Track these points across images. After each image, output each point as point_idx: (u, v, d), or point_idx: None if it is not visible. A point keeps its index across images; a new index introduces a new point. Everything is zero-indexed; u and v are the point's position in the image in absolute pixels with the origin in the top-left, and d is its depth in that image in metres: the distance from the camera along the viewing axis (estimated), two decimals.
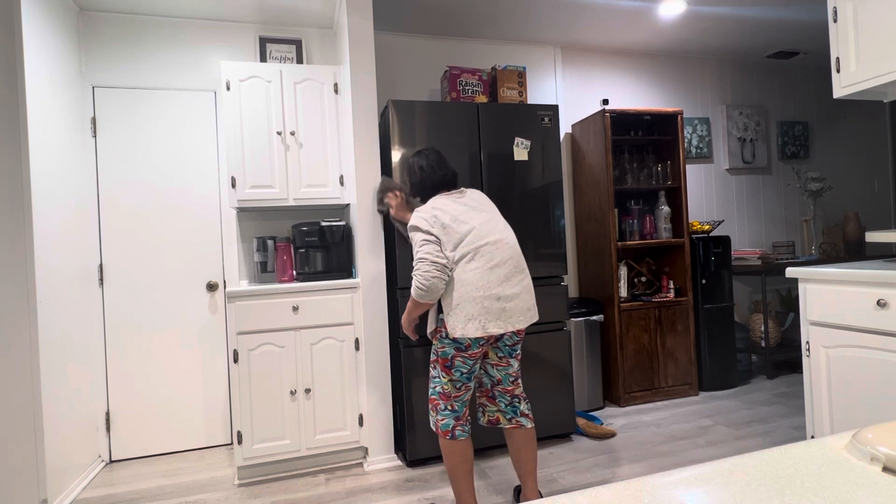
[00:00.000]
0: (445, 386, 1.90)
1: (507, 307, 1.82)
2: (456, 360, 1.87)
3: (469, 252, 1.83)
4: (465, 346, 1.85)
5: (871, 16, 1.87)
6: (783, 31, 3.71)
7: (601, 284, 3.39)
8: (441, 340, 1.90)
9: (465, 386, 1.90)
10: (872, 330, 1.75)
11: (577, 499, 0.46)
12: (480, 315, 1.78)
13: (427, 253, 1.81)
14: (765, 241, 4.29)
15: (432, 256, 1.80)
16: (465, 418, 1.92)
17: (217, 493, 2.35)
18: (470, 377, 1.91)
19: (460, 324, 1.79)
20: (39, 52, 2.29)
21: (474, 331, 1.78)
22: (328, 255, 2.73)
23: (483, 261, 1.82)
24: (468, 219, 1.88)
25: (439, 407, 1.92)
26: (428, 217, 1.88)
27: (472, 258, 1.82)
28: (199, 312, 2.92)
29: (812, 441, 0.56)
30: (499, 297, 1.81)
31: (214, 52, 2.96)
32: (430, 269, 1.78)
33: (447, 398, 1.90)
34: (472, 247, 1.83)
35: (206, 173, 2.95)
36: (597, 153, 3.37)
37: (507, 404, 2.00)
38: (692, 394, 3.40)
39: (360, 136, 2.56)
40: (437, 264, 1.79)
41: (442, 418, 1.91)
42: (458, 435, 1.88)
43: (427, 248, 1.82)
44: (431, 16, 3.16)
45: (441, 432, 1.90)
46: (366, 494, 2.25)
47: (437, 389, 1.93)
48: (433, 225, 1.86)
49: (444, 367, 1.90)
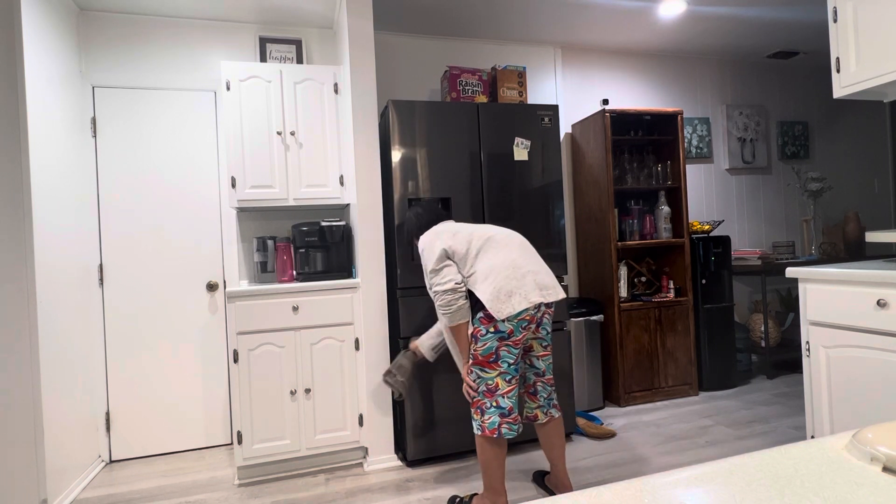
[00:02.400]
0: (490, 382, 1.90)
1: (537, 279, 1.92)
2: (501, 350, 1.89)
3: (481, 245, 1.95)
4: (508, 333, 1.88)
5: (871, 16, 1.87)
6: (783, 31, 3.71)
7: (601, 284, 3.39)
8: (481, 339, 1.91)
9: (514, 379, 1.92)
10: (872, 330, 1.75)
11: (577, 499, 0.46)
12: (518, 289, 1.87)
13: (438, 284, 1.93)
14: (765, 241, 4.29)
15: (444, 286, 1.91)
16: (514, 417, 1.91)
17: (217, 493, 2.35)
18: (517, 368, 1.93)
19: (504, 304, 1.85)
20: (39, 51, 2.29)
21: (519, 304, 1.85)
22: (328, 255, 2.73)
23: (497, 247, 1.95)
24: (467, 226, 2.05)
25: (485, 406, 1.90)
26: (432, 238, 2.01)
27: (487, 248, 1.94)
28: (199, 312, 2.92)
29: (812, 441, 0.56)
30: (526, 270, 1.91)
31: (214, 52, 2.96)
32: (444, 297, 1.92)
33: (492, 394, 1.90)
34: (482, 241, 1.96)
35: (206, 173, 2.95)
36: (597, 153, 3.37)
37: (546, 397, 2.07)
38: (692, 394, 3.40)
39: (360, 136, 2.56)
40: (448, 292, 1.90)
41: (488, 417, 1.89)
42: (505, 433, 1.88)
43: (436, 279, 1.94)
44: (431, 16, 3.16)
45: (488, 432, 1.88)
46: (366, 494, 2.25)
47: (481, 389, 1.92)
48: (439, 235, 2.00)
49: (489, 363, 1.90)
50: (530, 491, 2.22)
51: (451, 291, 1.90)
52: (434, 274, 1.94)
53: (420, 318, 2.53)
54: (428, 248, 1.99)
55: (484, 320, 1.90)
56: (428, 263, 1.96)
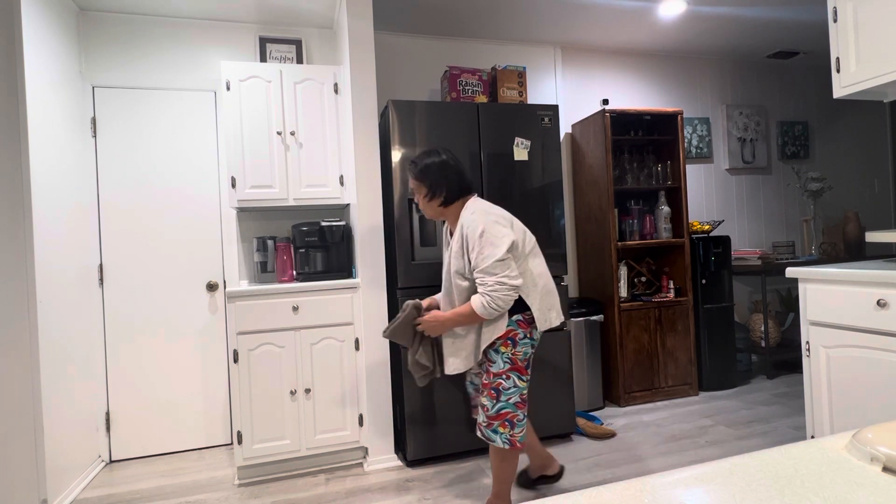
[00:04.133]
0: (524, 392, 1.85)
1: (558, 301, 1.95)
2: (531, 357, 1.89)
3: (531, 247, 1.90)
4: (537, 341, 1.90)
5: (871, 16, 1.87)
6: (783, 31, 3.71)
7: (601, 284, 3.39)
8: (520, 343, 1.84)
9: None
10: (872, 330, 1.75)
11: (577, 499, 0.46)
12: (554, 306, 1.91)
13: (508, 277, 1.74)
14: (765, 241, 4.29)
15: (510, 280, 1.74)
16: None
17: (217, 493, 2.35)
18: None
19: (545, 315, 1.86)
20: (39, 52, 2.29)
21: (556, 320, 1.89)
22: (328, 255, 2.73)
23: (537, 252, 1.93)
24: (509, 216, 1.89)
25: (517, 419, 1.82)
26: (491, 221, 1.79)
27: (534, 252, 1.91)
28: (199, 312, 2.92)
29: (812, 441, 0.56)
30: (553, 287, 1.93)
31: (214, 52, 2.96)
32: (509, 293, 1.74)
33: (524, 404, 1.85)
34: (531, 242, 1.91)
35: (206, 173, 2.95)
36: (597, 153, 3.37)
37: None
38: (692, 394, 3.40)
39: (360, 136, 2.56)
40: (515, 288, 1.75)
41: (520, 430, 1.82)
42: (522, 439, 1.85)
43: (507, 271, 1.75)
44: (431, 16, 3.16)
45: (519, 445, 1.82)
46: (366, 494, 2.25)
47: (512, 401, 1.82)
48: (498, 220, 1.80)
49: (525, 370, 1.85)
50: (530, 490, 2.22)
51: (516, 289, 1.75)
52: (502, 265, 1.73)
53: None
54: (493, 233, 1.76)
55: (523, 324, 1.84)
56: (496, 251, 1.73)
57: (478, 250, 1.76)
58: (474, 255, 1.77)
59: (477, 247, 1.76)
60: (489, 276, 1.74)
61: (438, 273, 2.55)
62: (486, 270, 1.74)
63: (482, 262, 1.75)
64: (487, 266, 1.74)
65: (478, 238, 1.76)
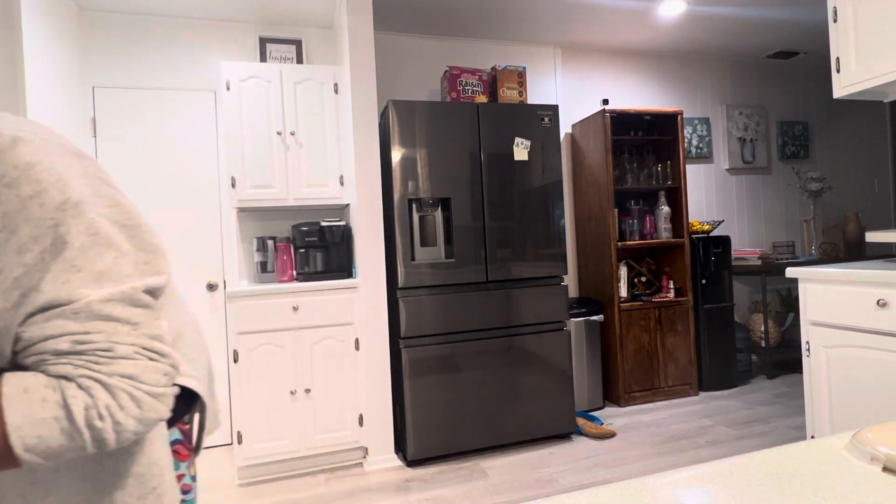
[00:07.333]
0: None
1: None
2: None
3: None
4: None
5: (870, 16, 1.87)
6: (783, 31, 3.71)
7: (601, 284, 3.39)
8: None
9: None
10: (872, 330, 1.75)
11: (577, 499, 0.46)
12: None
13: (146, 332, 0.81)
14: (765, 241, 4.29)
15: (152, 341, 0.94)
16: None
17: (217, 494, 2.35)
18: None
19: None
20: (39, 51, 2.29)
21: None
22: (328, 255, 2.73)
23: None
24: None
25: None
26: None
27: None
28: (199, 312, 2.92)
29: (812, 441, 0.56)
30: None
31: (214, 52, 2.96)
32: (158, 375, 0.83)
33: None
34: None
35: (206, 173, 2.95)
36: (597, 153, 3.37)
37: None
38: (692, 394, 3.40)
39: (360, 136, 2.56)
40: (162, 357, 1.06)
41: None
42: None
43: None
44: (431, 16, 3.16)
45: None
46: (366, 494, 2.25)
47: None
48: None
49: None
50: (530, 490, 2.23)
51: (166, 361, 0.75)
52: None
53: (420, 317, 2.53)
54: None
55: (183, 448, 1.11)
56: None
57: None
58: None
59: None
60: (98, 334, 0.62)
61: (439, 273, 2.55)
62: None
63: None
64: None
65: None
